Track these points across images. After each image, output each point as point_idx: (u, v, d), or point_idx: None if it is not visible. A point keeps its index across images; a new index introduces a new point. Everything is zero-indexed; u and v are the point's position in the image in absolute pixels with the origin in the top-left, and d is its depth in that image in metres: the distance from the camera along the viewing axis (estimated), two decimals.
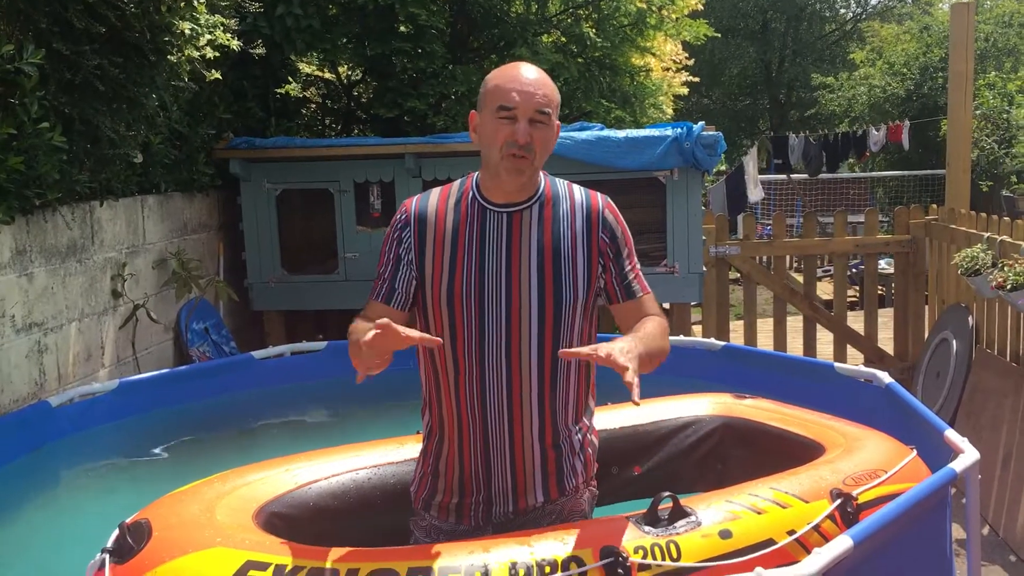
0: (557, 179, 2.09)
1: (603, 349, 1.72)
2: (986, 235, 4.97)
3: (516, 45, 6.69)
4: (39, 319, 3.79)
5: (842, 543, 1.85)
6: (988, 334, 5.13)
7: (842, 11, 28.78)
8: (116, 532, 1.96)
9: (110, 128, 3.76)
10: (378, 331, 1.70)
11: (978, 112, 11.18)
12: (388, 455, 2.47)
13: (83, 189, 3.96)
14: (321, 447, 2.54)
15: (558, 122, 2.01)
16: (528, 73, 1.95)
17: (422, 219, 2.02)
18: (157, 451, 3.77)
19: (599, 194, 2.08)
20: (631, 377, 1.68)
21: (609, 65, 7.47)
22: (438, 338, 1.86)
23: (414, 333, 1.74)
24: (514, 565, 1.79)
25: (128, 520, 2.01)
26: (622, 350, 1.72)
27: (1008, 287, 4.33)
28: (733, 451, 2.72)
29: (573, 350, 1.79)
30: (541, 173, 2.05)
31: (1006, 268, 4.43)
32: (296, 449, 2.55)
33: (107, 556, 1.90)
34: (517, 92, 1.91)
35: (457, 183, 2.08)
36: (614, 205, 2.08)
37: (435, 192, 2.08)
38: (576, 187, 2.08)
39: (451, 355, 2.00)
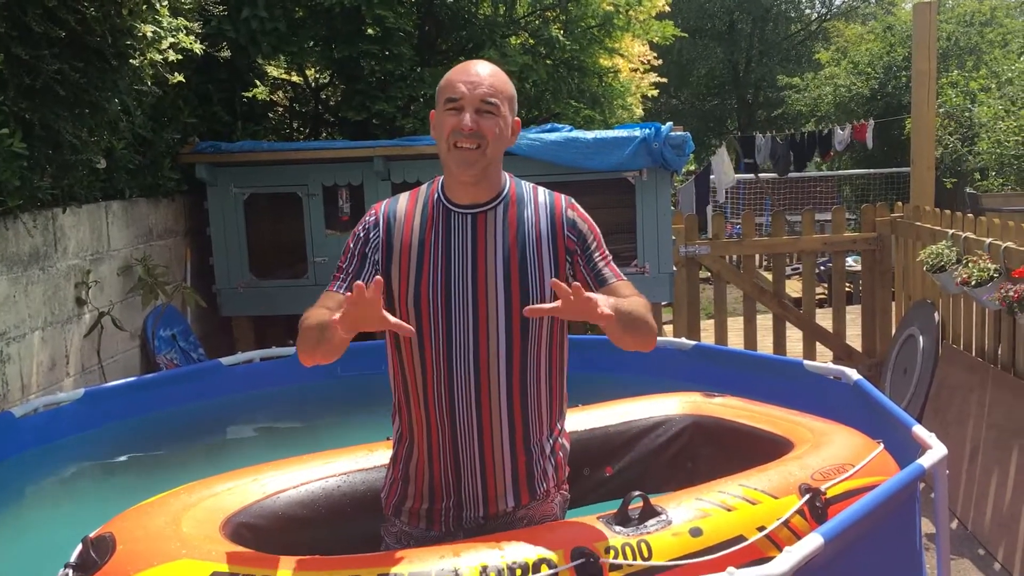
0: (523, 181, 2.08)
1: (576, 293, 1.70)
2: (950, 232, 5.04)
3: (484, 47, 6.67)
4: (1, 328, 3.72)
5: (813, 541, 1.86)
6: (954, 330, 5.20)
7: (807, 11, 29.08)
8: (79, 547, 1.93)
9: (72, 133, 3.70)
10: (355, 298, 1.67)
11: (941, 110, 11.35)
12: (358, 462, 2.45)
13: (45, 196, 3.89)
14: (292, 455, 2.51)
15: (517, 119, 2.00)
16: (477, 67, 1.96)
17: (390, 223, 2.01)
18: (124, 461, 3.71)
19: (562, 195, 2.08)
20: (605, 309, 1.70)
21: (577, 66, 7.47)
22: (411, 328, 1.84)
23: (390, 316, 1.73)
24: (485, 569, 1.78)
25: (92, 534, 1.98)
26: (598, 298, 1.72)
27: (972, 283, 4.39)
28: (703, 449, 2.73)
29: (539, 306, 1.78)
30: (506, 175, 2.04)
31: (970, 264, 4.49)
32: (267, 457, 2.52)
33: (70, 571, 1.87)
34: (463, 83, 1.92)
35: (424, 187, 2.07)
36: (578, 205, 2.07)
37: (404, 196, 2.07)
38: (541, 189, 2.07)
39: (419, 359, 1.98)
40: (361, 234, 2.02)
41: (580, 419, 2.70)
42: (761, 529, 2.01)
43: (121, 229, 4.81)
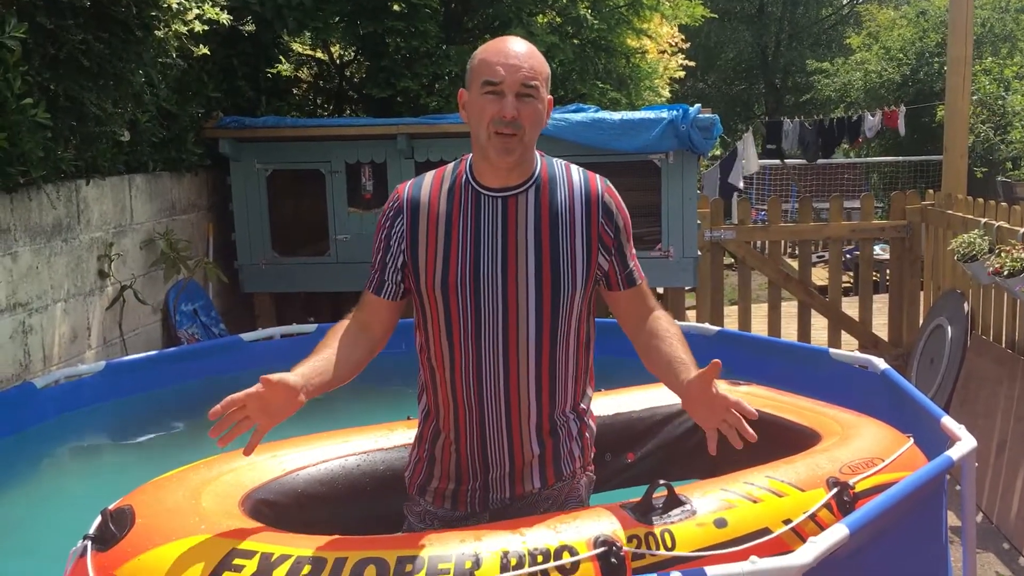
0: (554, 160, 2.03)
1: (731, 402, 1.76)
2: (983, 221, 4.94)
3: (511, 25, 6.60)
4: (23, 299, 3.73)
5: (837, 532, 1.82)
6: (984, 320, 5.11)
7: None
8: (99, 519, 1.92)
9: (96, 105, 3.70)
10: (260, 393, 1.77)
11: (974, 98, 11.14)
12: (378, 441, 2.42)
13: (68, 167, 3.89)
14: (310, 432, 2.50)
15: (550, 96, 1.95)
16: (515, 46, 1.89)
17: (415, 206, 1.95)
18: (143, 435, 3.72)
19: (598, 177, 2.01)
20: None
21: (605, 47, 7.39)
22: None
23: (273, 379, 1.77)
24: (506, 554, 1.75)
25: (111, 507, 1.96)
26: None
27: (1005, 273, 4.30)
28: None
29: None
30: (537, 154, 1.99)
31: (1003, 254, 4.40)
32: (285, 434, 2.50)
33: (89, 543, 1.86)
34: (502, 66, 1.85)
35: (450, 167, 2.02)
36: (613, 188, 2.02)
37: (428, 177, 2.01)
38: (575, 168, 2.02)
39: (447, 344, 1.95)
40: (384, 223, 1.99)
41: (604, 404, 2.66)
42: (787, 522, 1.96)
43: (144, 202, 4.81)
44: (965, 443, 2.40)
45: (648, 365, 1.98)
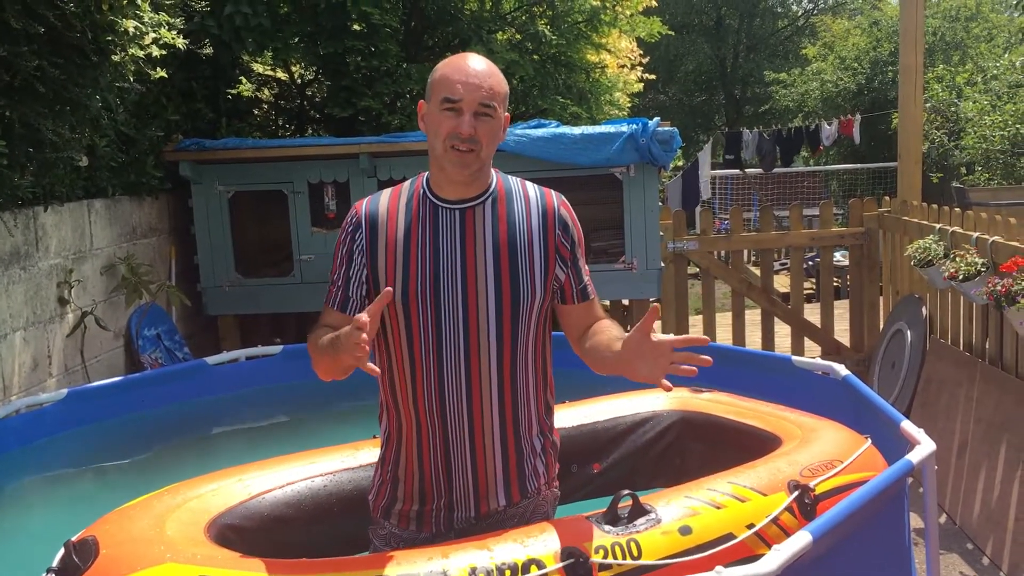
0: (509, 176, 2.06)
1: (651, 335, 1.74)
2: (938, 226, 5.05)
3: (471, 43, 6.65)
4: None
5: (801, 539, 1.84)
6: (942, 324, 5.21)
7: (794, 7, 29.17)
8: (62, 551, 1.90)
9: (52, 131, 3.65)
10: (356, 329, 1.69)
11: (928, 105, 11.39)
12: (344, 461, 2.42)
13: (26, 194, 3.84)
14: (278, 454, 2.48)
15: (506, 114, 1.98)
16: (475, 64, 1.91)
17: (373, 221, 1.97)
18: (107, 463, 3.67)
19: (553, 192, 2.05)
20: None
21: (564, 62, 7.46)
22: (376, 369, 1.81)
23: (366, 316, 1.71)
24: (474, 570, 1.76)
25: (74, 538, 1.94)
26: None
27: (960, 277, 4.39)
28: (691, 445, 2.72)
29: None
30: (492, 170, 2.01)
31: (958, 259, 4.50)
32: (253, 456, 2.49)
33: None
34: (462, 84, 1.87)
35: (408, 183, 2.04)
36: (568, 204, 2.05)
37: (385, 193, 2.03)
38: (529, 184, 2.05)
39: (408, 358, 1.95)
40: (345, 238, 2.00)
41: (567, 415, 2.68)
42: (751, 527, 1.99)
43: (104, 228, 4.76)
44: (924, 447, 2.44)
45: (592, 363, 1.96)
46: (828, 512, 1.98)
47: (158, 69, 4.20)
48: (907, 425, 2.62)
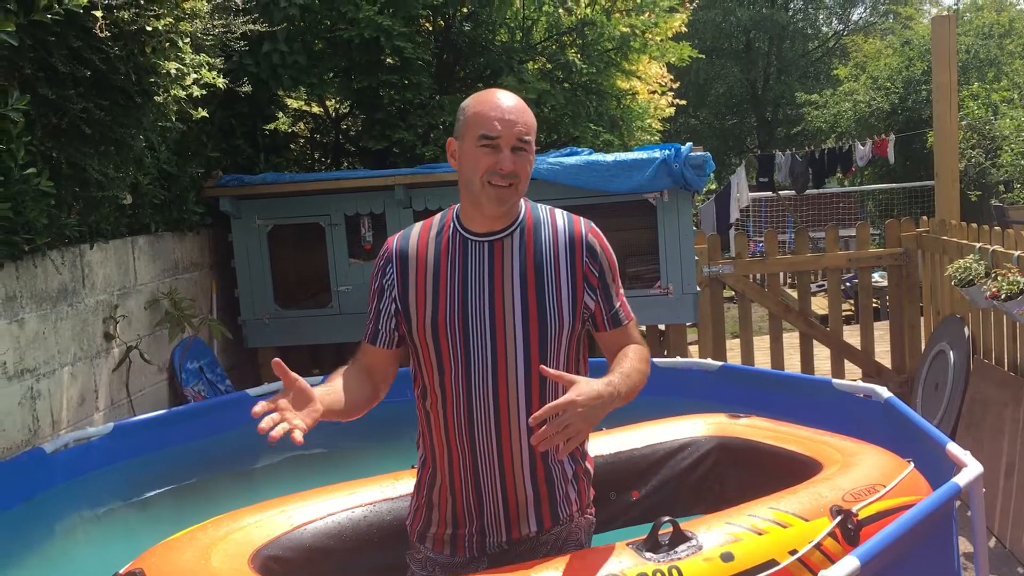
0: (539, 205, 2.08)
1: (572, 392, 1.74)
2: (978, 245, 4.98)
3: (502, 74, 6.72)
4: (31, 365, 3.77)
5: (849, 564, 1.83)
6: (985, 344, 5.13)
7: (824, 29, 29.08)
8: None
9: (98, 171, 3.76)
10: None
11: (963, 123, 11.26)
12: (384, 491, 2.45)
13: (72, 232, 3.94)
14: (319, 484, 2.52)
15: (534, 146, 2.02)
16: (506, 101, 1.95)
17: (403, 255, 2.03)
18: (153, 495, 3.73)
19: (582, 219, 2.07)
20: (545, 432, 1.72)
21: (595, 90, 7.50)
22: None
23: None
24: None
25: (122, 571, 1.98)
26: (583, 403, 1.74)
27: (1002, 296, 4.33)
28: (730, 471, 2.70)
29: (555, 372, 1.81)
30: (521, 200, 2.04)
31: (999, 278, 4.43)
32: (295, 487, 2.53)
33: None
34: (499, 121, 1.91)
35: (438, 216, 2.09)
36: (598, 230, 2.07)
37: (416, 227, 2.09)
38: (559, 212, 2.07)
39: (439, 387, 1.99)
40: (376, 274, 2.07)
41: (605, 442, 2.68)
42: (793, 552, 1.98)
43: (147, 263, 4.87)
44: (971, 469, 2.41)
45: None
46: (875, 536, 1.96)
47: (199, 109, 4.31)
48: (953, 447, 2.58)
